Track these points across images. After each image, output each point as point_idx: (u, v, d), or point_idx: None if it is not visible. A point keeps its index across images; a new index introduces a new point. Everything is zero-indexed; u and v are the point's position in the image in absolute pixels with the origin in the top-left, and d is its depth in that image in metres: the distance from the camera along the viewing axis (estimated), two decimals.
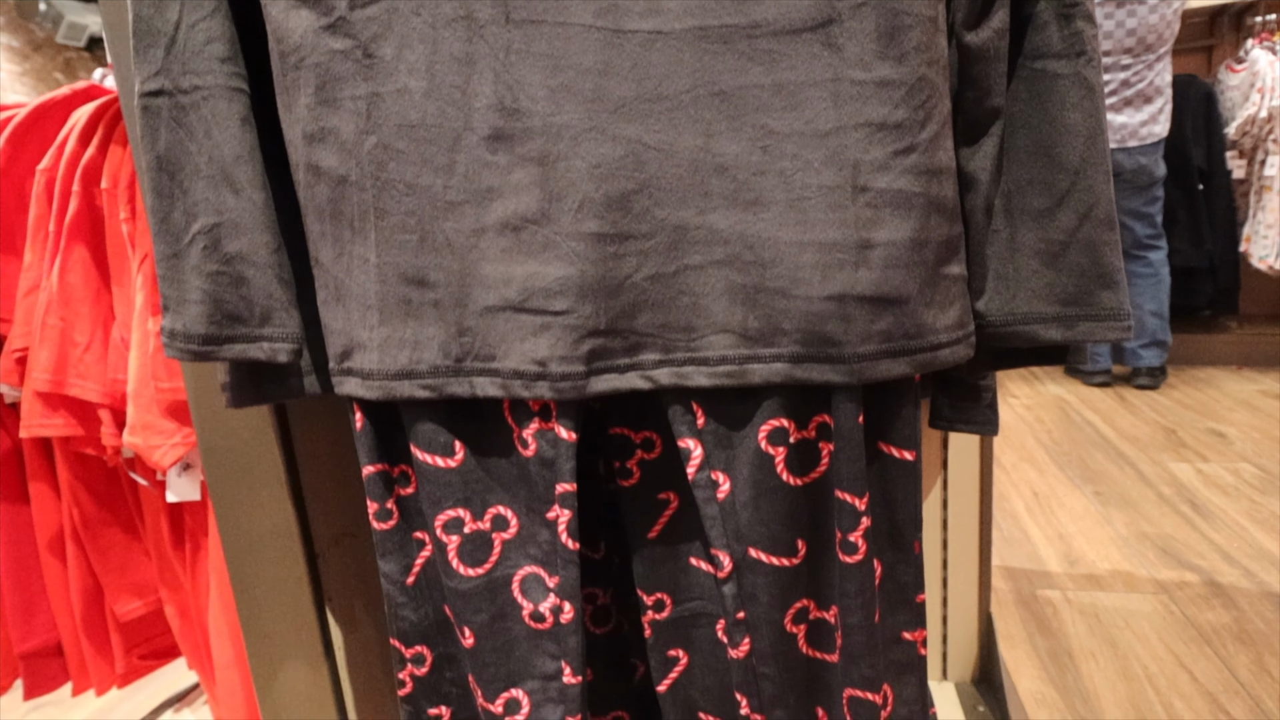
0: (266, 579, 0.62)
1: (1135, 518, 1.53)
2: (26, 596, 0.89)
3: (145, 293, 0.70)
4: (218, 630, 0.77)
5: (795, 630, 0.49)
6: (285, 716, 0.65)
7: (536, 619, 0.50)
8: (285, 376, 0.53)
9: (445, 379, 0.46)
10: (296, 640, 0.63)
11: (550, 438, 0.47)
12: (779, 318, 0.43)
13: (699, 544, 0.56)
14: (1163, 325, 2.29)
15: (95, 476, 0.86)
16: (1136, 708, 1.01)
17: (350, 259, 0.46)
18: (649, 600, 0.57)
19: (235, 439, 0.59)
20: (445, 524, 0.49)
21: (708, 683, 0.57)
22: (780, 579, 0.48)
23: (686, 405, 0.46)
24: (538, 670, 0.51)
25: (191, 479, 0.76)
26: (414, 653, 0.53)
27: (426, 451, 0.48)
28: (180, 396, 0.70)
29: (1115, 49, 2.09)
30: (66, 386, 0.74)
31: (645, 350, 0.45)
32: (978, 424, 0.75)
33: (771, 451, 0.46)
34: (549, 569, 0.50)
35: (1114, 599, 1.26)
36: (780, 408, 0.45)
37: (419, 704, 0.53)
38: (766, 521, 0.47)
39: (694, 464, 0.47)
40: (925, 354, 0.43)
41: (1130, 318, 0.44)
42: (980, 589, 0.92)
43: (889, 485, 0.46)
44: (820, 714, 0.51)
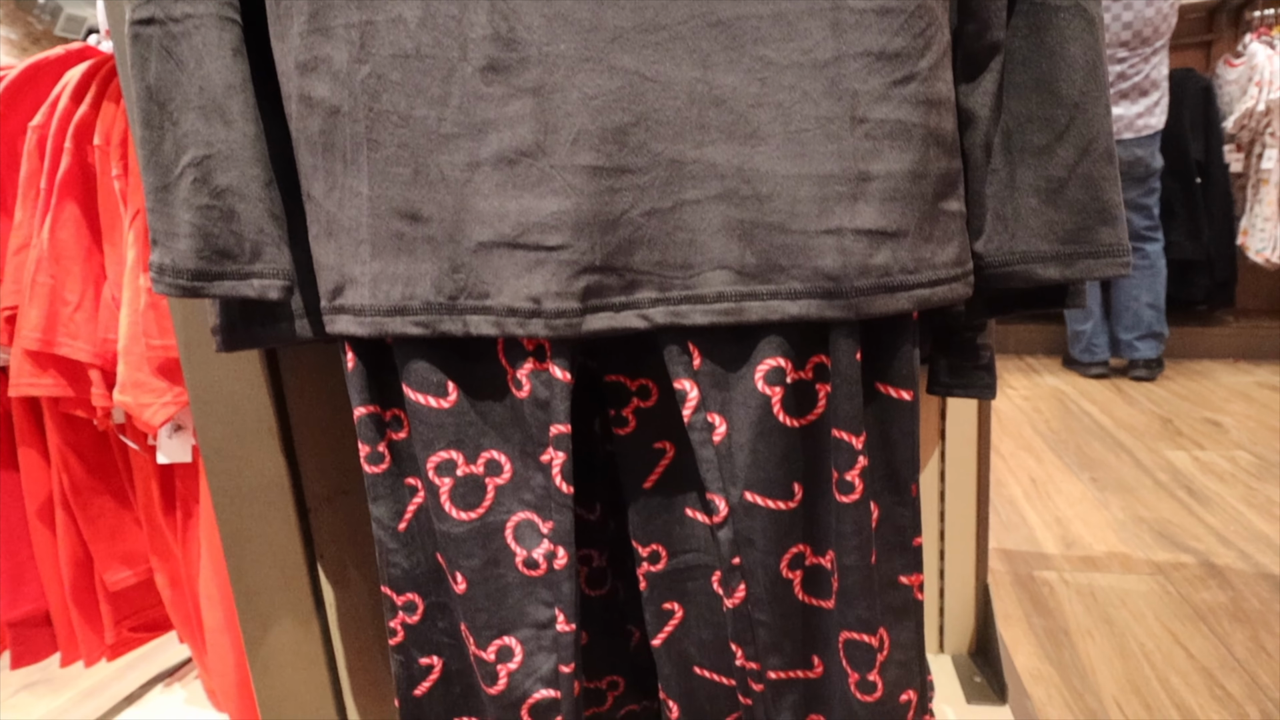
0: (257, 535, 0.61)
1: (1132, 502, 1.53)
2: (15, 564, 0.88)
3: (137, 249, 0.70)
4: (208, 595, 0.76)
5: (791, 576, 0.49)
6: (275, 674, 0.64)
7: (530, 565, 0.50)
8: (276, 320, 0.52)
9: (438, 316, 0.45)
10: (287, 597, 0.62)
11: (545, 378, 0.47)
12: (776, 254, 0.43)
13: (695, 494, 0.55)
14: (1159, 317, 2.30)
15: (85, 442, 0.85)
16: (1133, 684, 1.01)
17: (342, 192, 0.45)
18: (644, 552, 0.56)
19: (226, 391, 0.59)
20: (438, 466, 0.48)
21: (703, 636, 0.56)
22: (776, 523, 0.47)
23: (683, 346, 0.46)
24: (531, 619, 0.50)
25: (183, 440, 0.75)
26: (405, 600, 0.52)
27: (419, 391, 0.47)
28: (172, 354, 0.69)
29: (1111, 42, 2.10)
30: (56, 346, 0.73)
31: (641, 289, 0.45)
32: (976, 388, 0.75)
33: (768, 392, 0.46)
34: (543, 514, 0.49)
35: (1110, 579, 1.26)
36: (777, 347, 0.45)
37: (410, 653, 0.53)
38: (763, 464, 0.46)
39: (690, 406, 0.47)
40: (923, 290, 0.43)
41: (1129, 254, 0.43)
42: (977, 561, 0.91)
43: (886, 426, 0.46)
44: (816, 661, 0.51)
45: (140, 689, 1.01)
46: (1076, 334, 2.43)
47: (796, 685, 0.51)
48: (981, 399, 0.74)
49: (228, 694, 0.77)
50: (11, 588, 0.87)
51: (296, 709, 0.65)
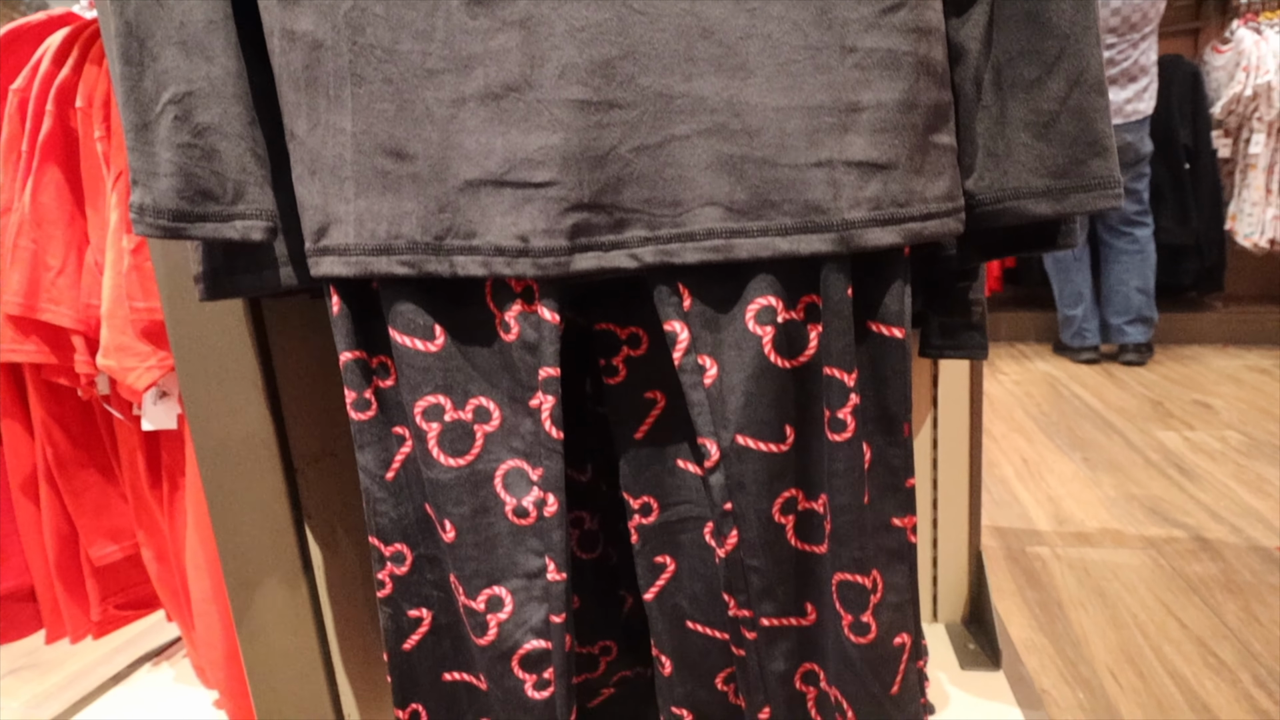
0: (243, 494, 0.61)
1: (1123, 480, 1.54)
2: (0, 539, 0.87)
3: (120, 211, 0.69)
4: (195, 564, 0.75)
5: (784, 521, 0.48)
6: (263, 639, 0.64)
7: (520, 514, 0.49)
8: (260, 267, 0.51)
9: (425, 256, 0.44)
10: (274, 558, 0.62)
11: (533, 320, 0.46)
12: (766, 189, 0.42)
13: (686, 445, 0.55)
14: (1148, 302, 2.31)
15: (69, 414, 0.84)
16: (1126, 653, 1.01)
17: (325, 129, 0.44)
18: (635, 504, 0.56)
19: (210, 345, 0.58)
20: (425, 411, 0.48)
21: (695, 589, 0.56)
22: (768, 466, 0.47)
23: (672, 286, 0.45)
24: (521, 568, 0.50)
25: (168, 407, 0.74)
26: (393, 551, 0.51)
27: (405, 334, 0.46)
28: (156, 317, 0.69)
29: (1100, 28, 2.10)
30: (38, 311, 0.72)
31: (630, 227, 0.44)
32: (968, 349, 0.75)
33: (759, 331, 0.45)
34: (532, 461, 0.49)
35: (1102, 554, 1.26)
36: (768, 286, 0.44)
37: (398, 605, 0.52)
38: (754, 406, 0.46)
39: (680, 348, 0.46)
40: (915, 223, 0.42)
41: (1120, 184, 0.43)
42: (970, 529, 0.91)
43: (878, 364, 0.45)
44: (809, 608, 0.50)
45: (128, 668, 1.00)
46: (1067, 319, 2.44)
47: (789, 633, 0.50)
48: (974, 359, 0.74)
49: (216, 666, 0.76)
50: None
51: (285, 674, 0.64)
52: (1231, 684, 0.93)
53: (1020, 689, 0.81)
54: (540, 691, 0.51)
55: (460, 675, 0.54)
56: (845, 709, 0.49)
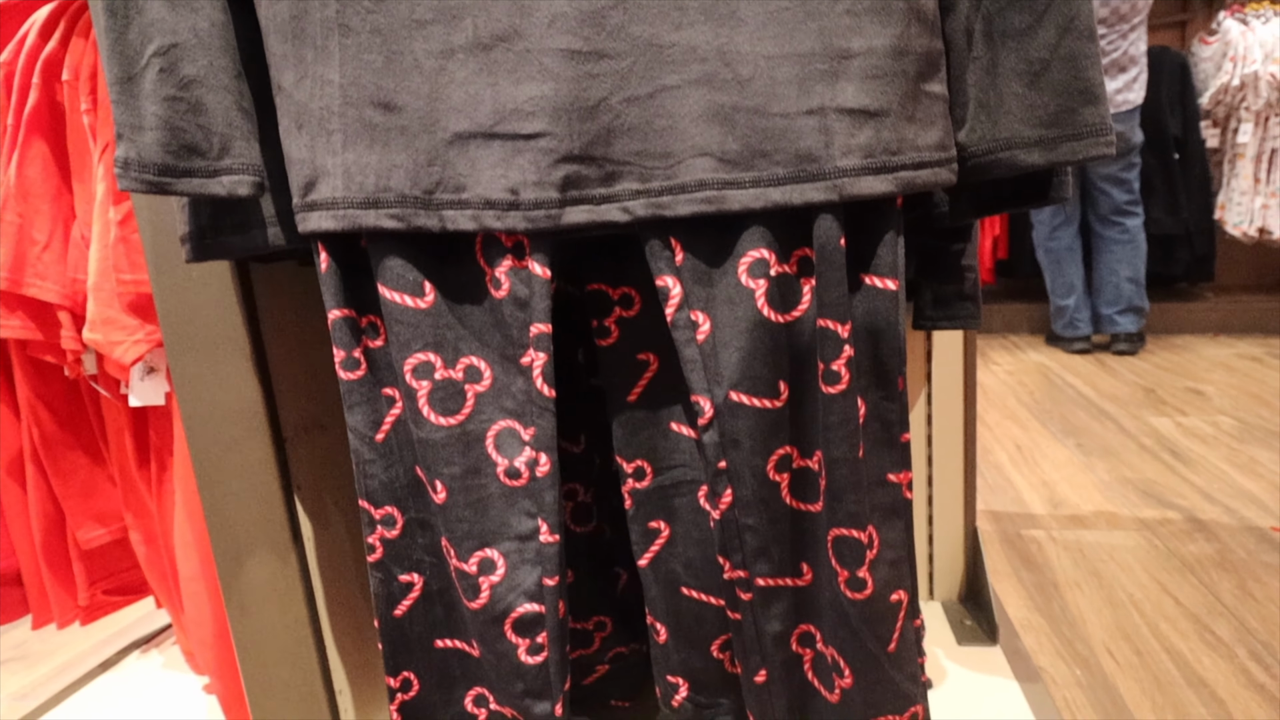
0: (231, 464, 0.60)
1: (1117, 465, 1.54)
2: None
3: (107, 183, 0.68)
4: (183, 542, 0.74)
5: (778, 479, 0.48)
6: (252, 613, 0.63)
7: (512, 475, 0.49)
8: (248, 227, 0.51)
9: (413, 210, 0.44)
10: (263, 530, 0.61)
11: (524, 276, 0.46)
12: (758, 138, 0.42)
13: (680, 408, 0.54)
14: (1139, 291, 2.32)
15: (56, 394, 0.83)
16: (1123, 631, 1.01)
17: (313, 81, 0.44)
18: (629, 468, 0.55)
19: (198, 313, 0.57)
20: (415, 369, 0.47)
21: (690, 555, 0.56)
22: (762, 422, 0.46)
23: (664, 241, 0.45)
24: (514, 530, 0.49)
25: (155, 383, 0.73)
26: (383, 514, 0.51)
27: (395, 290, 0.46)
28: (143, 289, 0.68)
29: None
30: (24, 286, 0.72)
31: (621, 180, 0.44)
32: (961, 319, 0.74)
33: (752, 285, 0.45)
34: (524, 421, 0.48)
35: (1097, 536, 1.26)
36: (760, 238, 0.44)
37: (389, 570, 0.51)
38: (748, 361, 0.46)
39: (673, 303, 0.46)
40: (907, 171, 0.42)
41: (1112, 132, 0.43)
42: (965, 506, 0.91)
43: (872, 317, 0.45)
44: (804, 569, 0.50)
45: (116, 655, 0.99)
46: (1059, 310, 2.45)
47: (785, 594, 0.50)
48: (968, 329, 0.74)
49: (204, 646, 0.75)
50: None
51: (274, 649, 0.63)
52: (1228, 659, 0.93)
53: (1017, 663, 0.80)
54: (533, 656, 0.50)
55: (452, 642, 0.54)
56: (843, 668, 0.48)
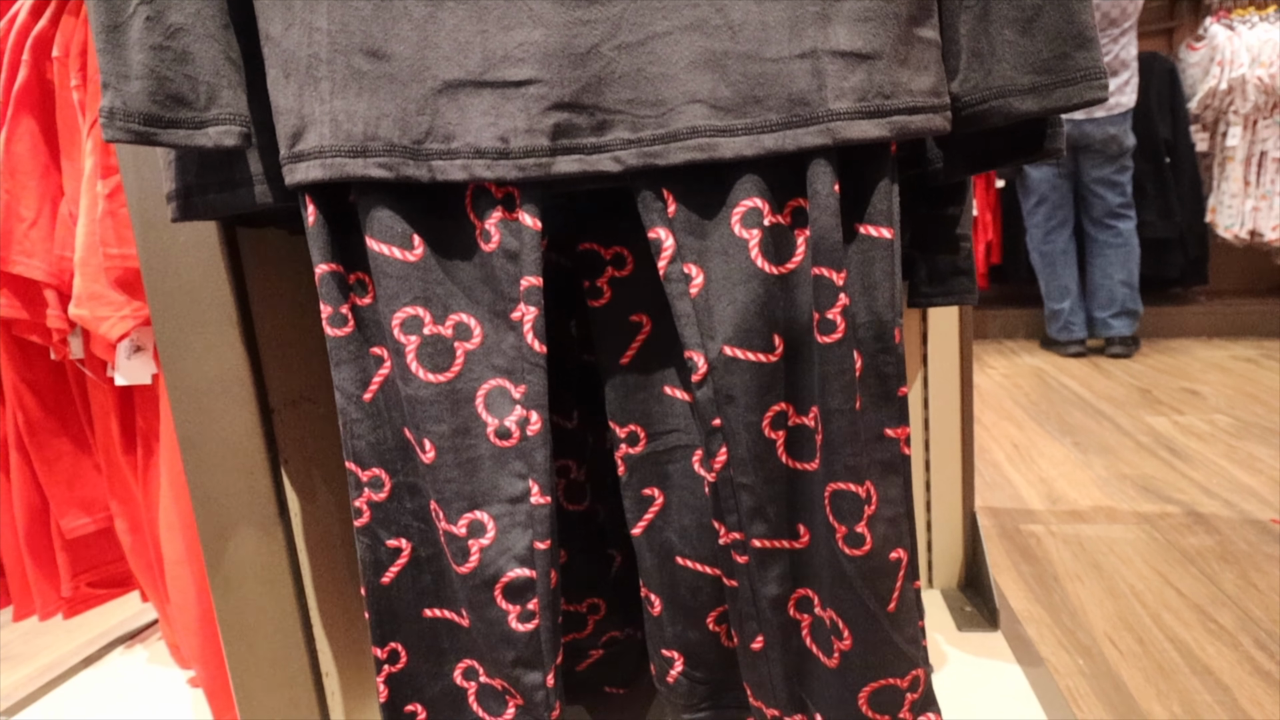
0: (216, 434, 0.59)
1: (1114, 462, 1.53)
2: None
3: (95, 158, 0.67)
4: (168, 524, 0.73)
5: (774, 436, 0.47)
6: (236, 589, 0.61)
7: (502, 435, 0.48)
8: (234, 185, 0.50)
9: (402, 159, 0.43)
10: (248, 502, 0.59)
11: (514, 228, 0.45)
12: (750, 84, 0.42)
13: (674, 371, 0.54)
14: (1132, 294, 2.32)
15: (42, 378, 0.82)
16: (1125, 621, 0.99)
17: (301, 28, 0.43)
18: (622, 433, 0.55)
19: (185, 282, 0.56)
20: (403, 323, 0.46)
21: (685, 522, 0.54)
22: (757, 377, 0.46)
23: (656, 192, 0.45)
24: (504, 493, 0.48)
25: (142, 361, 0.72)
26: (370, 476, 0.49)
27: (383, 241, 0.45)
28: (130, 264, 0.67)
29: None
30: (10, 264, 0.71)
31: (613, 129, 0.43)
32: (957, 294, 0.74)
33: (745, 235, 0.44)
34: (514, 378, 0.47)
35: (1097, 530, 1.25)
36: (753, 187, 0.44)
37: (376, 535, 0.50)
38: (742, 313, 0.45)
39: (665, 256, 0.45)
40: (901, 116, 0.42)
41: (1105, 76, 0.43)
42: (964, 491, 0.90)
43: (867, 267, 0.44)
44: (801, 530, 0.49)
45: (99, 651, 0.96)
46: (1054, 313, 2.45)
47: (782, 556, 0.49)
48: (964, 304, 0.73)
49: (189, 631, 0.73)
50: None
51: (260, 627, 0.62)
52: (1233, 647, 0.92)
53: (1019, 648, 0.79)
54: (524, 624, 0.49)
55: (441, 612, 0.52)
56: (841, 629, 0.47)
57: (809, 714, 0.50)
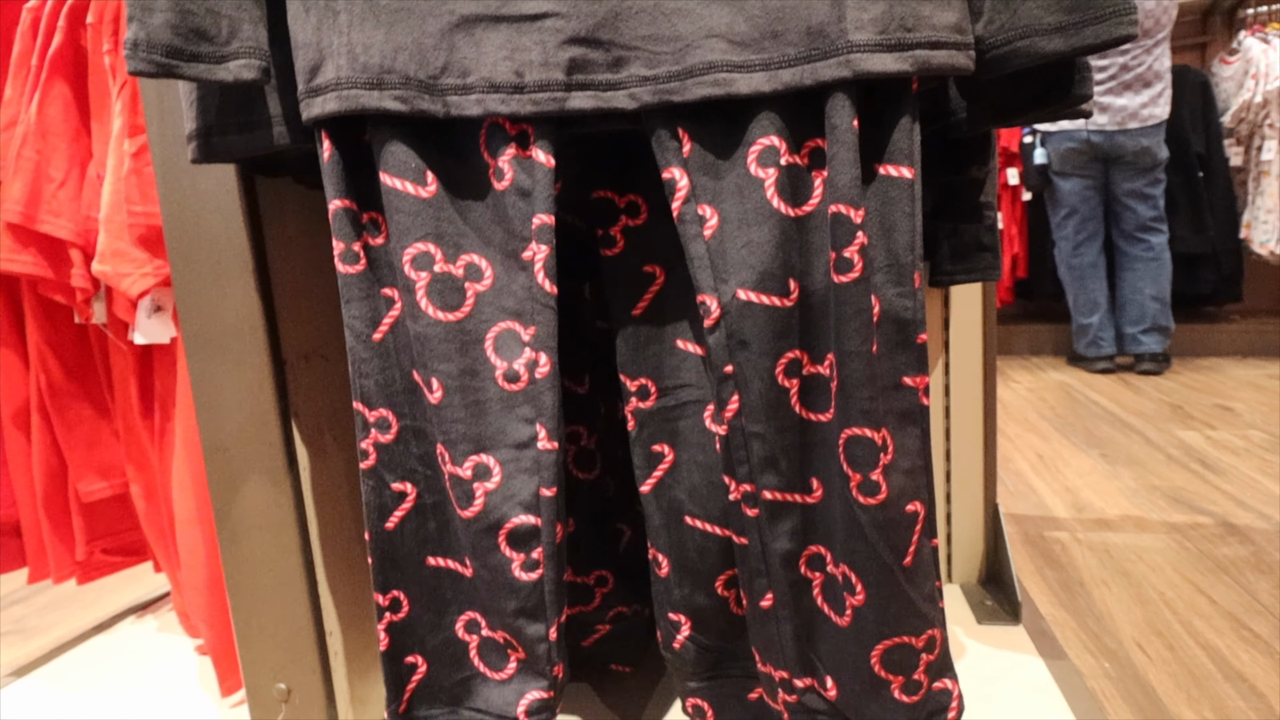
0: (229, 383, 0.59)
1: (1144, 474, 1.49)
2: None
3: (124, 118, 0.69)
4: (180, 484, 0.73)
5: (788, 384, 0.46)
6: (244, 540, 0.61)
7: (510, 379, 0.47)
8: (253, 126, 0.50)
9: (417, 93, 0.43)
10: (259, 453, 0.59)
11: (527, 165, 0.45)
12: (768, 18, 0.41)
13: (687, 324, 0.53)
14: (1164, 310, 2.27)
15: (66, 342, 0.83)
16: (1153, 627, 0.96)
17: None
18: (633, 386, 0.54)
19: (202, 227, 0.57)
20: (414, 259, 0.46)
21: (694, 481, 0.53)
22: (771, 321, 0.45)
23: (672, 130, 0.44)
24: (511, 438, 0.48)
25: (161, 321, 0.73)
26: (377, 416, 0.49)
27: (397, 176, 0.45)
28: (154, 222, 0.68)
29: None
30: (38, 222, 0.72)
31: (629, 65, 0.43)
32: (980, 271, 0.72)
33: (761, 174, 0.44)
34: (524, 320, 0.47)
35: (1124, 538, 1.21)
36: (770, 125, 0.43)
37: (381, 477, 0.50)
38: (756, 255, 0.44)
39: (679, 197, 0.45)
40: (923, 50, 0.41)
41: (1135, 11, 0.41)
42: (985, 483, 0.87)
43: (887, 208, 0.43)
44: (814, 484, 0.47)
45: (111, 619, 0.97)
46: (1082, 328, 2.40)
47: (793, 511, 0.48)
48: (988, 280, 0.71)
49: (197, 591, 0.73)
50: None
51: (265, 579, 0.61)
52: (1268, 655, 0.88)
53: (1042, 642, 0.76)
54: (528, 573, 0.48)
55: (444, 561, 0.52)
56: (855, 584, 0.45)
57: (819, 676, 0.49)
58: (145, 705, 0.76)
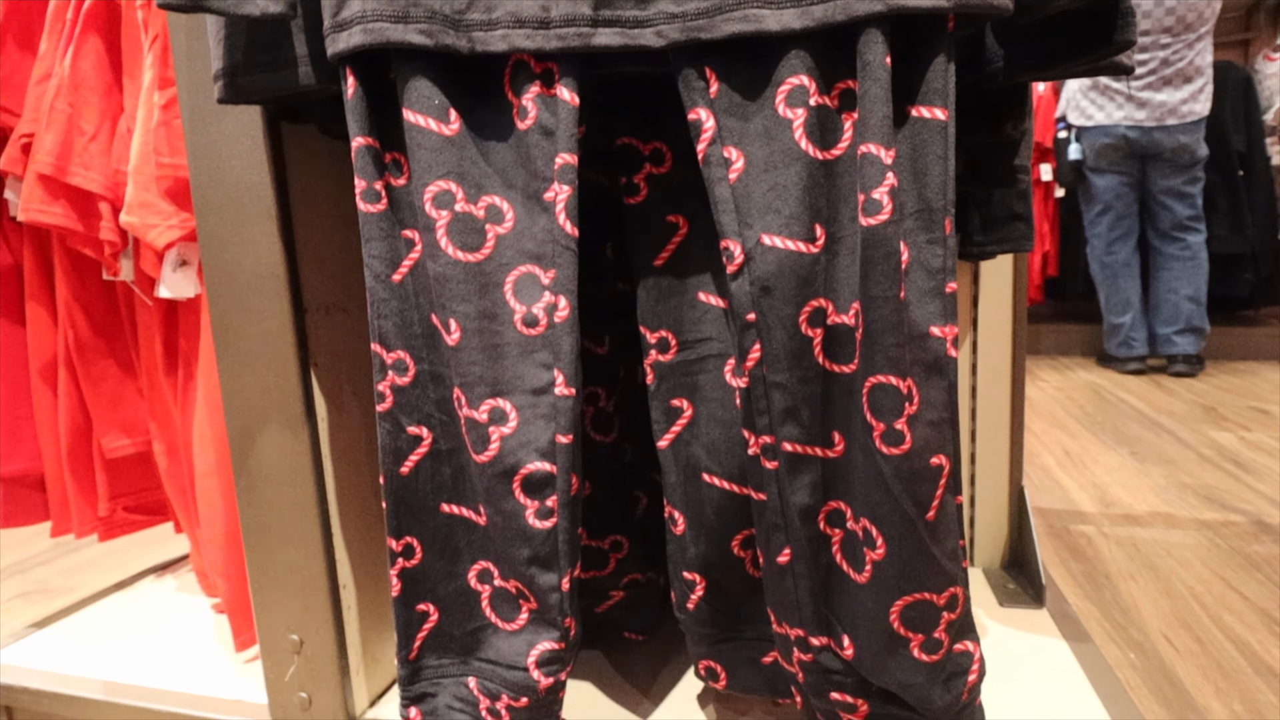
0: (250, 331, 0.59)
1: (1174, 472, 1.45)
2: (13, 419, 0.86)
3: (155, 70, 0.69)
4: (201, 436, 0.74)
5: (811, 334, 0.45)
6: (260, 489, 0.61)
7: (529, 323, 0.47)
8: (279, 66, 0.50)
9: (442, 28, 0.43)
10: (277, 401, 0.59)
11: (551, 103, 0.44)
12: None
13: (709, 276, 0.52)
14: (1199, 311, 2.21)
15: (94, 298, 0.84)
16: (1182, 620, 0.93)
17: None
18: (653, 338, 0.53)
19: (228, 169, 0.57)
20: (435, 196, 0.45)
21: (713, 436, 0.52)
22: (796, 268, 0.44)
23: (699, 70, 0.43)
24: (528, 383, 0.47)
25: (186, 276, 0.73)
26: (395, 358, 0.49)
27: (420, 113, 0.45)
28: (181, 174, 0.68)
29: (1155, 28, 2.07)
30: (69, 174, 0.73)
31: (657, 2, 0.42)
32: (1011, 241, 0.71)
33: (789, 115, 0.43)
34: (544, 263, 0.46)
35: (1153, 533, 1.18)
36: (800, 64, 0.42)
37: (397, 420, 0.49)
38: (783, 198, 0.43)
39: (705, 138, 0.44)
40: None
41: None
42: (1011, 464, 0.85)
43: (919, 151, 0.42)
44: (836, 438, 0.46)
45: (131, 578, 0.98)
46: (1113, 328, 2.35)
47: (814, 464, 0.46)
48: (1020, 252, 0.70)
49: (214, 545, 0.73)
50: (8, 441, 0.86)
51: (280, 529, 0.61)
52: None
53: (1066, 625, 0.74)
54: (542, 521, 0.47)
55: (458, 509, 0.51)
56: (875, 537, 0.44)
57: (835, 635, 0.47)
58: (161, 656, 0.77)
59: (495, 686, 0.51)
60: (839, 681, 0.48)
